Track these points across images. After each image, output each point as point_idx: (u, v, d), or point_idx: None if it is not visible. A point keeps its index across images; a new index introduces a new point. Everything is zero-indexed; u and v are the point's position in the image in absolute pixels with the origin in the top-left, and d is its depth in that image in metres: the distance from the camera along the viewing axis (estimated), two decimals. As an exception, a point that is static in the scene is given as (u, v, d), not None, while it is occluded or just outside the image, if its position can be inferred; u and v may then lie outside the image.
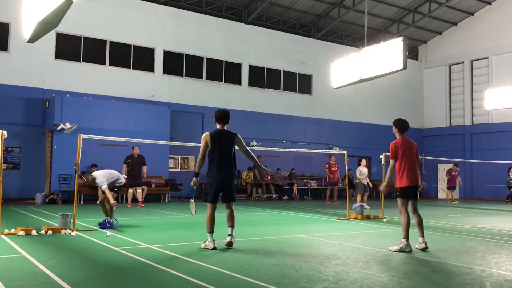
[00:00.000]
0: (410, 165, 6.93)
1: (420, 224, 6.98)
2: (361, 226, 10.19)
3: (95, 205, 15.26)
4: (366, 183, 15.69)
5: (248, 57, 22.14)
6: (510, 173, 20.73)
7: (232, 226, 6.79)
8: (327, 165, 18.83)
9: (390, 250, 6.75)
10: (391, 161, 6.94)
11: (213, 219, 6.71)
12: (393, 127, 7.23)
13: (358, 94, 24.42)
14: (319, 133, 23.81)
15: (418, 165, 7.01)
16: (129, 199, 14.86)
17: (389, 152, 7.08)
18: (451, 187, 21.15)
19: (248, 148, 7.17)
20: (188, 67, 20.73)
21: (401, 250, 6.69)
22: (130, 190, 14.89)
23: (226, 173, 6.75)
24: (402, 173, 6.92)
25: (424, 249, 6.82)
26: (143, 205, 14.73)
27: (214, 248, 6.54)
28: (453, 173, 21.02)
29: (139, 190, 14.90)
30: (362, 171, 15.77)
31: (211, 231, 6.68)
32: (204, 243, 6.73)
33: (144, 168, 15.08)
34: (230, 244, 6.70)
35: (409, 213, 6.97)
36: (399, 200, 7.00)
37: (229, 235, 6.75)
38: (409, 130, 7.45)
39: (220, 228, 9.74)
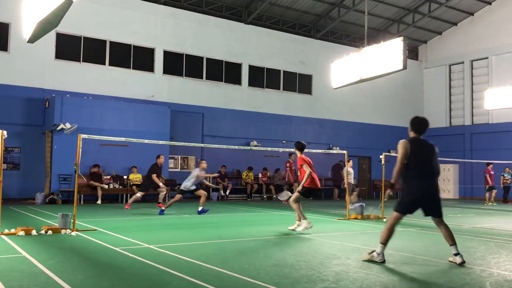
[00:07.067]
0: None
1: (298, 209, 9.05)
2: (361, 226, 10.19)
3: (95, 205, 15.28)
4: (354, 183, 15.95)
5: (248, 57, 22.13)
6: (504, 173, 20.63)
7: (455, 243, 5.98)
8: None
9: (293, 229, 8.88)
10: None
11: (393, 232, 6.01)
12: (296, 150, 9.42)
13: (358, 94, 24.41)
14: (319, 133, 23.80)
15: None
16: (130, 201, 14.09)
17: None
18: (492, 187, 20.03)
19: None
20: (188, 67, 20.72)
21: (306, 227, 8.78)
22: (139, 194, 14.25)
23: (431, 185, 6.03)
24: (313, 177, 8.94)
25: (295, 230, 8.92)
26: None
27: (383, 261, 5.86)
28: (491, 172, 20.00)
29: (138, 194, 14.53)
30: (349, 171, 15.81)
31: (385, 243, 5.97)
32: (370, 254, 6.01)
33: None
34: (463, 264, 5.85)
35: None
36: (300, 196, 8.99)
37: (456, 254, 5.92)
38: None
39: (219, 229, 9.73)
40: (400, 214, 6.00)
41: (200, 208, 12.46)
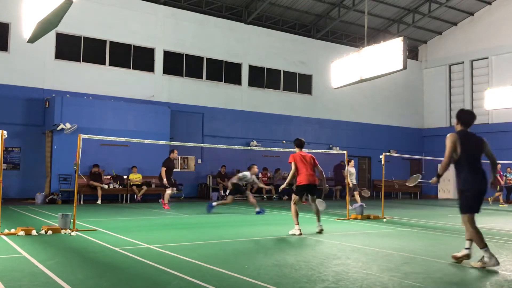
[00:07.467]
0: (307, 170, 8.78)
1: (317, 213, 8.96)
2: (361, 226, 10.19)
3: (95, 205, 15.28)
4: (355, 183, 15.95)
5: (248, 57, 22.13)
6: (506, 173, 20.49)
7: (485, 246, 5.76)
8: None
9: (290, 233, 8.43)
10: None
11: (478, 231, 5.75)
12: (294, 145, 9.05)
13: (358, 94, 24.41)
14: (319, 133, 23.80)
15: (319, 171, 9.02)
16: (166, 201, 13.97)
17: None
18: (500, 188, 19.53)
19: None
20: (188, 67, 20.73)
21: (294, 234, 8.37)
22: (169, 191, 14.13)
23: (483, 178, 5.87)
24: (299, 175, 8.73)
25: (320, 231, 8.60)
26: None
27: (498, 264, 5.61)
28: (501, 172, 19.51)
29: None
30: (350, 171, 15.82)
31: (483, 245, 5.70)
32: (480, 261, 5.72)
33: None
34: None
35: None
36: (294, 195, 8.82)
37: (466, 248, 5.93)
38: (409, 130, 7.56)
39: (219, 229, 9.73)
40: (469, 215, 5.81)
41: (214, 203, 12.86)
